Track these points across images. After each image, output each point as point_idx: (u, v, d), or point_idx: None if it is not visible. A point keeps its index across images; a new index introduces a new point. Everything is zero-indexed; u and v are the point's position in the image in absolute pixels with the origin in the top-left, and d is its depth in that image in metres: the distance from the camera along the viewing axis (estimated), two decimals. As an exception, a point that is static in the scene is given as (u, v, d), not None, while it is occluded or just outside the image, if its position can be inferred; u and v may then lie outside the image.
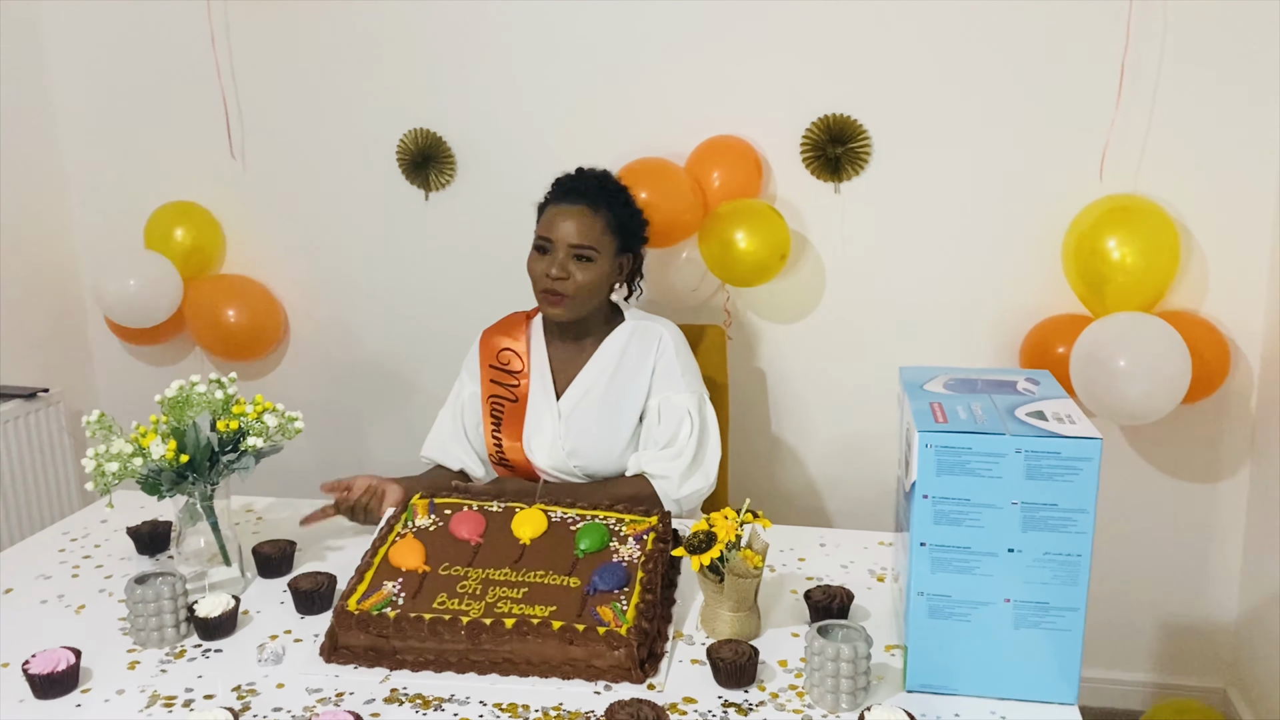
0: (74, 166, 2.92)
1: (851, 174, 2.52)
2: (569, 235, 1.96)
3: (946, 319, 2.56)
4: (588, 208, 1.99)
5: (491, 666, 1.41)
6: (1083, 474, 1.26)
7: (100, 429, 1.56)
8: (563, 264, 1.96)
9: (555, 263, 1.96)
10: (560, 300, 1.97)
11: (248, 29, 2.71)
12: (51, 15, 2.82)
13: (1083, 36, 2.35)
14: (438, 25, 2.62)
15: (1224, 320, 2.41)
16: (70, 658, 1.38)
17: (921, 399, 1.40)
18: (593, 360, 2.06)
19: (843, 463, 2.71)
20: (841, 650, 1.30)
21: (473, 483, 2.09)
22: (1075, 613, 1.30)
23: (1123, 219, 2.30)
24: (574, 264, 1.97)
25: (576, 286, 1.97)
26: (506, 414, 2.06)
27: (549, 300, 1.99)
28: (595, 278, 1.98)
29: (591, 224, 1.98)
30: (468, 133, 2.67)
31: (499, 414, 2.07)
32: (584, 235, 1.97)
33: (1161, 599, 2.62)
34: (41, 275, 2.88)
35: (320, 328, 2.90)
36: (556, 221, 1.98)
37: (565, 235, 1.96)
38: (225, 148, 2.80)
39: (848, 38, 2.45)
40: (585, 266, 1.97)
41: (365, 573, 1.53)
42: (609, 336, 2.08)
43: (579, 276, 1.96)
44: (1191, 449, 2.52)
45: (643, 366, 2.04)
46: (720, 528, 1.47)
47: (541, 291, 1.99)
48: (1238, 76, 2.31)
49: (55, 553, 1.83)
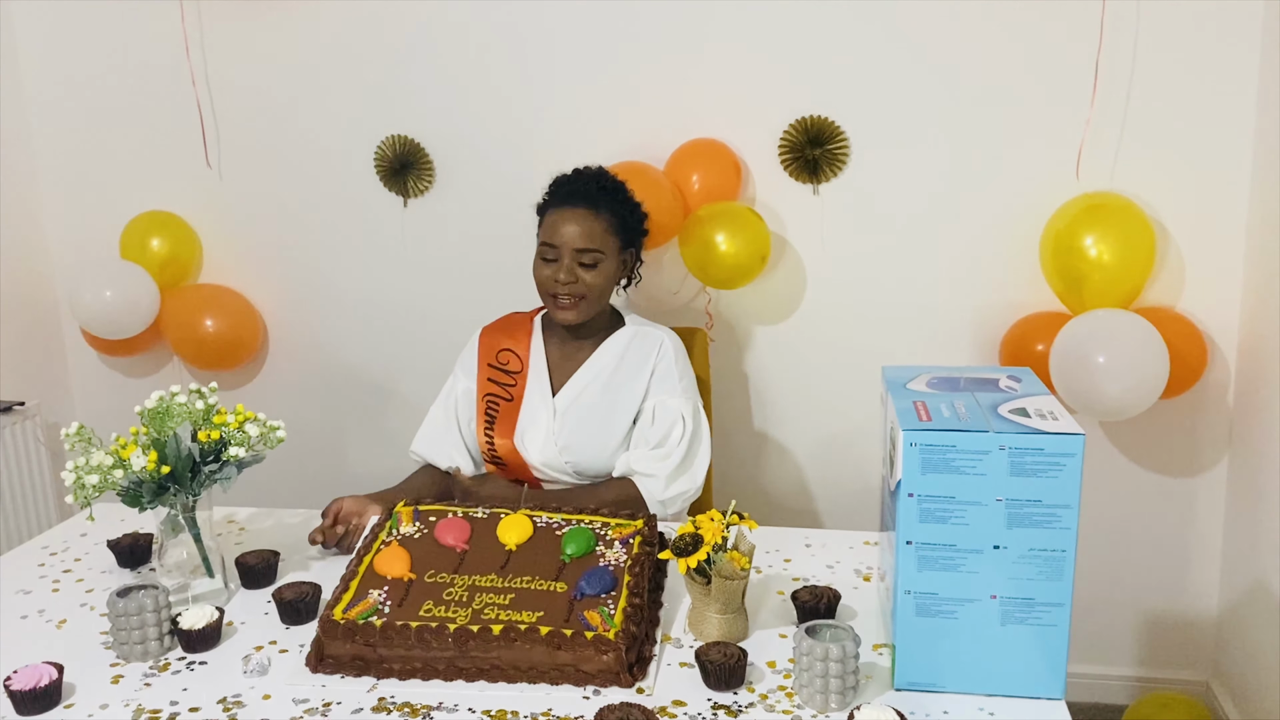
0: (49, 177, 2.89)
1: (829, 175, 2.52)
2: (574, 240, 1.96)
3: (926, 318, 2.57)
4: (589, 210, 1.99)
5: (479, 673, 1.40)
6: (1066, 469, 1.27)
7: (80, 441, 1.54)
8: (569, 269, 1.96)
9: (562, 268, 1.96)
10: (571, 305, 1.98)
11: (222, 37, 2.70)
12: (24, 25, 2.79)
13: (1057, 35, 2.37)
14: (414, 32, 2.62)
15: (1200, 315, 2.43)
16: (52, 673, 1.36)
17: (905, 398, 1.40)
18: (591, 359, 2.07)
19: (826, 463, 2.72)
20: (830, 650, 1.30)
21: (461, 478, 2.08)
22: (1061, 608, 1.31)
23: (1099, 216, 2.32)
24: (581, 269, 1.97)
25: (586, 289, 1.97)
26: (501, 412, 2.06)
27: (560, 306, 1.99)
28: (603, 279, 1.99)
29: (594, 226, 1.98)
30: (446, 139, 2.67)
31: (493, 412, 2.06)
32: (588, 239, 1.97)
33: (1143, 593, 2.64)
34: (17, 287, 2.85)
35: (299, 336, 2.88)
36: (559, 226, 1.98)
37: (570, 240, 1.96)
38: (201, 156, 2.78)
39: (824, 40, 2.47)
40: (592, 270, 1.98)
41: (350, 581, 1.52)
42: (610, 338, 2.08)
43: (588, 279, 1.97)
44: (1170, 444, 2.54)
45: (642, 369, 2.04)
46: (706, 530, 1.47)
47: (550, 296, 2.00)
48: (1211, 73, 2.34)
49: (35, 567, 1.80)
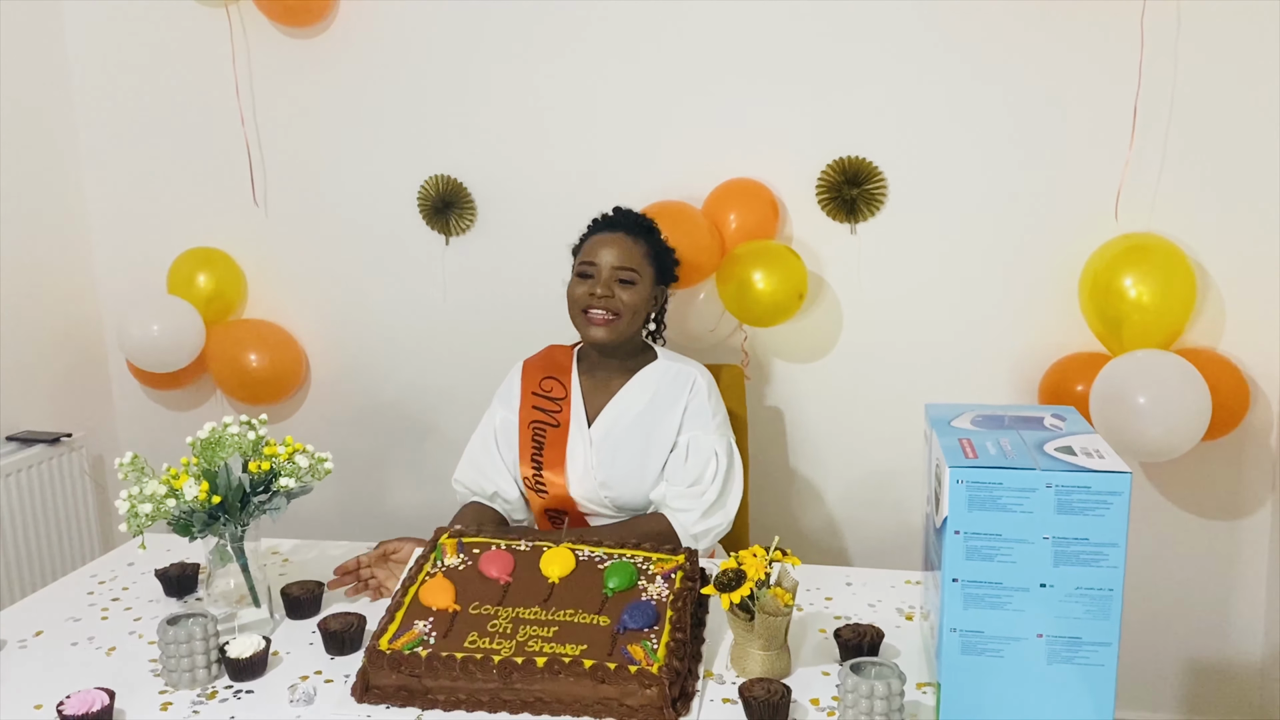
0: (99, 213, 2.97)
1: (867, 215, 2.54)
2: (612, 259, 2.03)
3: (964, 358, 2.57)
4: (627, 235, 2.07)
5: (523, 706, 1.41)
6: (1113, 508, 1.27)
7: (133, 471, 1.57)
8: (607, 283, 2.02)
9: (599, 283, 2.02)
10: (605, 321, 2.02)
11: (271, 77, 2.77)
12: (78, 64, 2.87)
13: (1096, 76, 2.38)
14: (457, 74, 2.67)
15: (1242, 357, 2.42)
16: (104, 699, 1.38)
17: (950, 435, 1.41)
18: (623, 391, 2.09)
19: (861, 502, 2.71)
20: (875, 688, 1.30)
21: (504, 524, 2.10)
22: (1108, 647, 1.30)
23: (1139, 257, 2.32)
24: (617, 286, 2.02)
25: (621, 305, 2.01)
26: (549, 439, 2.08)
27: (593, 321, 2.03)
28: (638, 300, 2.03)
29: (632, 249, 2.05)
30: (488, 179, 2.71)
31: (540, 439, 2.09)
32: (626, 259, 2.03)
33: (1188, 637, 2.60)
34: (65, 321, 2.92)
35: (341, 371, 2.92)
36: (598, 248, 2.05)
37: (608, 259, 2.03)
38: (248, 194, 2.84)
39: (862, 81, 2.49)
40: (628, 288, 2.03)
41: (396, 612, 1.53)
42: (641, 371, 2.10)
43: (624, 298, 2.02)
44: (1213, 486, 2.52)
45: (675, 405, 2.06)
46: (749, 565, 1.48)
47: (582, 312, 2.03)
48: (1248, 113, 2.34)
49: (84, 595, 1.83)
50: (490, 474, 2.12)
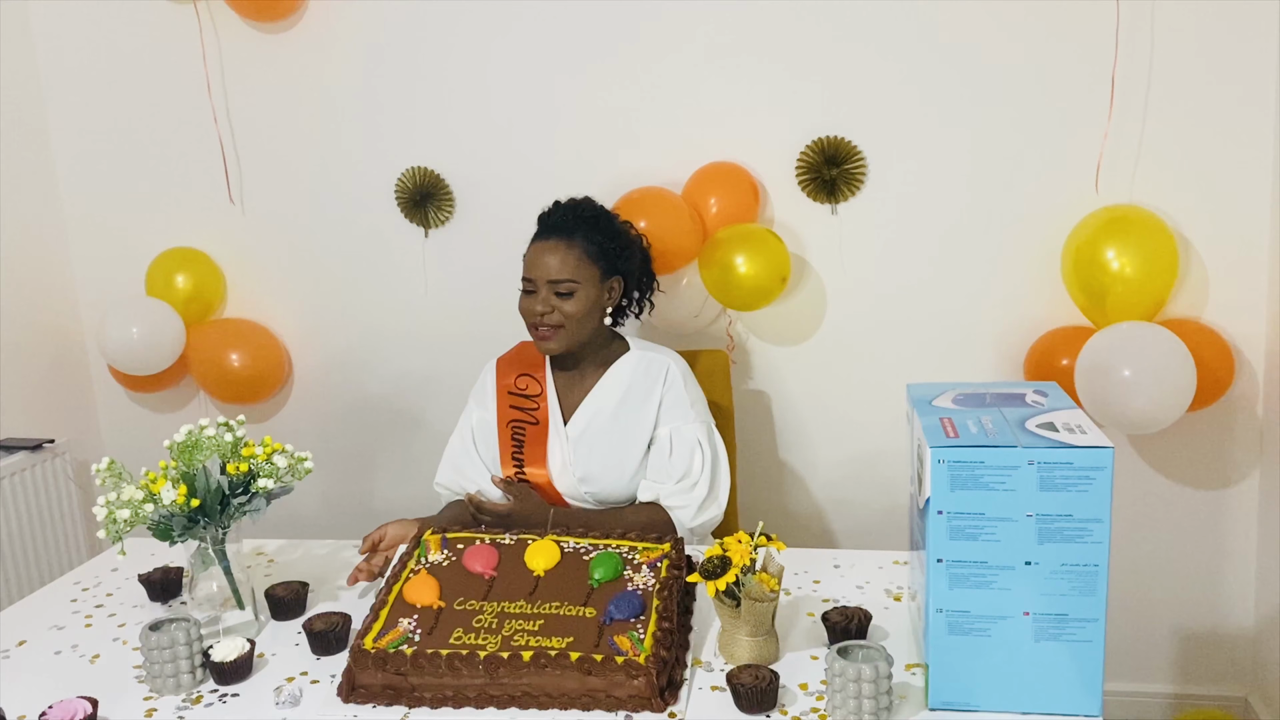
0: (73, 216, 2.93)
1: (848, 195, 2.53)
2: (547, 272, 2.00)
3: (948, 336, 2.56)
4: (561, 241, 2.02)
5: (510, 701, 1.40)
6: (1096, 483, 1.26)
7: (111, 476, 1.56)
8: (546, 300, 2.00)
9: (539, 300, 2.00)
10: (549, 335, 2.01)
11: (243, 72, 2.73)
12: (49, 63, 2.84)
13: (1072, 49, 2.37)
14: (432, 64, 2.64)
15: (1226, 326, 2.41)
16: (87, 707, 1.37)
17: (931, 415, 1.40)
18: (598, 387, 2.08)
19: (850, 483, 2.70)
20: (863, 670, 1.30)
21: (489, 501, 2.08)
22: (1095, 623, 1.30)
23: (1120, 229, 2.31)
24: (556, 299, 2.00)
25: (563, 318, 2.00)
26: (529, 437, 2.08)
27: (540, 336, 2.03)
28: (580, 308, 2.00)
29: (566, 257, 2.01)
30: (466, 169, 2.69)
31: (520, 437, 2.08)
32: (560, 270, 2.00)
33: (1178, 608, 2.60)
34: (45, 326, 2.89)
35: (324, 368, 2.90)
36: (535, 260, 2.03)
37: (544, 273, 2.01)
38: (224, 192, 2.81)
39: (838, 60, 2.47)
40: (568, 299, 2.00)
41: (380, 610, 1.52)
42: (614, 365, 2.09)
43: (566, 309, 2.00)
44: (1200, 456, 2.52)
45: (650, 398, 2.05)
46: (734, 552, 1.47)
47: (532, 328, 2.03)
48: (1228, 82, 2.33)
49: (67, 603, 1.82)
50: (471, 475, 2.12)
